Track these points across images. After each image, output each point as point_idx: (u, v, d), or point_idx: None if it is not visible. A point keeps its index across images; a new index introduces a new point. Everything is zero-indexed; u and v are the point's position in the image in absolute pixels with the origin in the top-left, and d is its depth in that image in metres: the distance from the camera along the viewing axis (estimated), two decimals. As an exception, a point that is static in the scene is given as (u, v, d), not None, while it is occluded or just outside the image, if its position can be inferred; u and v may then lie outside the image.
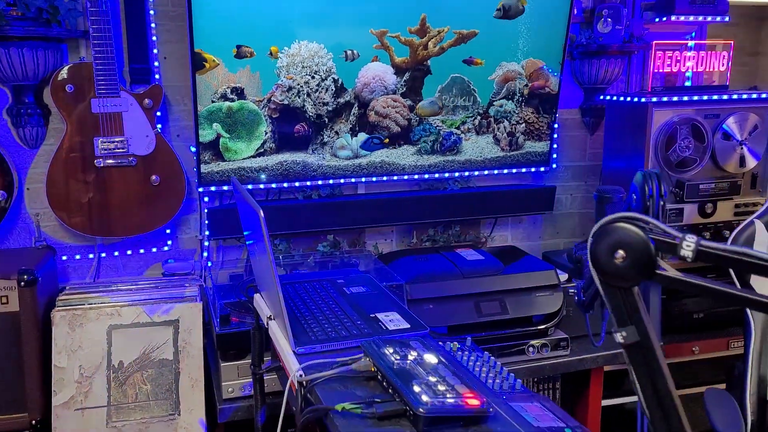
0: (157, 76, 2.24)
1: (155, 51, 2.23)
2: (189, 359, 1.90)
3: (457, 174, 2.53)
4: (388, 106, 2.32)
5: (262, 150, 2.24)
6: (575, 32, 2.64)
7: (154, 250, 2.35)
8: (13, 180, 2.10)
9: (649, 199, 1.01)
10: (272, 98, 2.19)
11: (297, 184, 2.34)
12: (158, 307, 1.90)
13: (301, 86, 2.20)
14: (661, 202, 0.99)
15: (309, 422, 1.09)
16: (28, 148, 2.17)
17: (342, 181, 2.39)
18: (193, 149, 2.23)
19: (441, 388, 1.07)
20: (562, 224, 2.86)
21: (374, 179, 2.43)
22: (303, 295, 1.58)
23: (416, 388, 1.06)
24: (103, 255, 2.31)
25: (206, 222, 2.31)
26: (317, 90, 2.22)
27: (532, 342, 2.14)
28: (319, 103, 2.24)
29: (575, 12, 2.63)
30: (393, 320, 1.42)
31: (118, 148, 2.12)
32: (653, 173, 1.00)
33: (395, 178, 2.44)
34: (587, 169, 2.83)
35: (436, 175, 2.51)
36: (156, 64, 2.24)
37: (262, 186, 2.30)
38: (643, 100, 2.33)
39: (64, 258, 2.27)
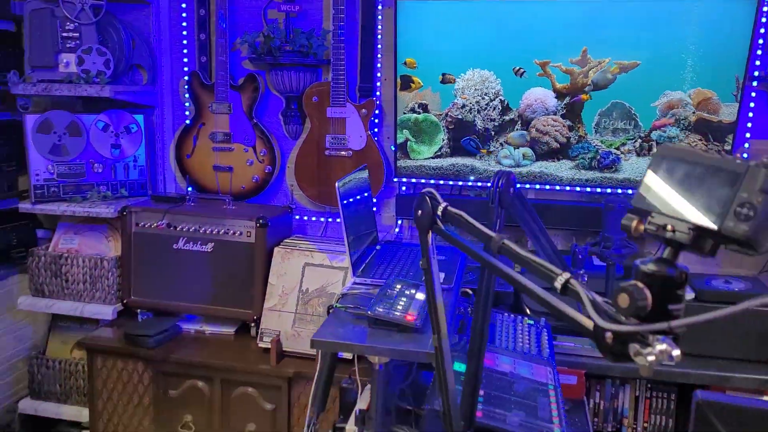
0: (378, 93, 3.02)
1: (378, 75, 3.01)
2: (351, 297, 2.63)
3: (620, 190, 2.77)
4: (548, 125, 2.71)
5: (440, 153, 2.85)
6: (772, 63, 2.62)
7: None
8: (277, 160, 3.10)
9: (492, 188, 1.35)
10: (449, 113, 2.79)
11: (470, 183, 2.89)
12: (337, 257, 2.68)
13: (473, 105, 2.75)
14: (498, 190, 1.33)
15: (328, 312, 1.72)
16: (290, 139, 3.16)
17: (509, 185, 2.85)
18: (393, 148, 2.95)
19: (399, 308, 1.60)
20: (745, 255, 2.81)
21: (537, 186, 2.83)
22: (400, 255, 2.18)
23: (382, 303, 1.60)
24: (330, 220, 3.19)
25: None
26: (486, 108, 2.74)
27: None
28: (487, 119, 2.76)
29: (777, 42, 2.63)
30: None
31: (341, 143, 2.96)
32: (504, 173, 1.34)
33: (557, 187, 2.81)
34: (780, 202, 2.74)
35: (598, 190, 2.79)
36: (378, 84, 3.02)
37: (441, 182, 2.91)
38: (802, 133, 2.28)
39: (305, 218, 3.21)
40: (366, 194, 2.30)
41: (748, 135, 2.73)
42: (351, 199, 2.07)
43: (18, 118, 3.08)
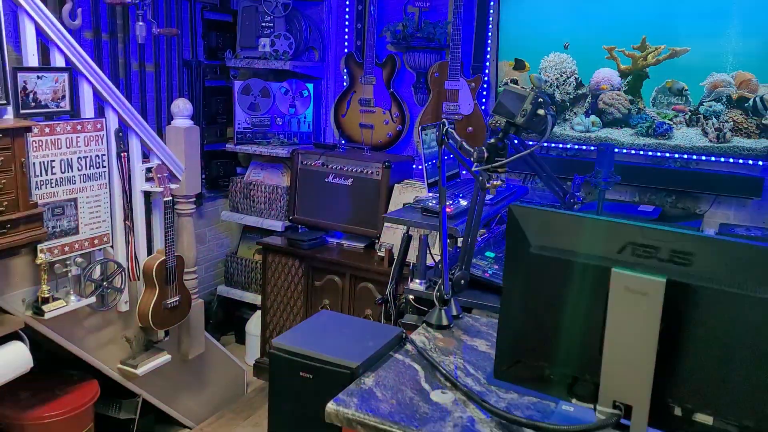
0: (487, 71, 3.85)
1: (488, 56, 3.84)
2: (446, 222, 3.52)
3: (677, 155, 3.36)
4: (613, 99, 3.38)
5: (526, 119, 3.62)
6: (817, 50, 3.06)
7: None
8: (406, 121, 4.05)
9: (489, 124, 2.13)
10: (534, 87, 3.55)
11: (552, 144, 3.63)
12: (439, 192, 3.58)
13: (552, 81, 3.49)
14: (507, 126, 2.12)
15: (403, 206, 2.64)
16: (418, 105, 4.09)
17: (577, 147, 3.56)
18: (491, 115, 3.77)
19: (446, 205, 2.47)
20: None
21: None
22: (471, 186, 3.03)
23: (435, 202, 2.49)
24: (444, 170, 4.09)
25: (495, 160, 3.85)
26: (563, 84, 3.47)
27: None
28: (564, 92, 3.48)
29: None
30: (485, 196, 2.77)
31: (453, 109, 3.84)
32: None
33: (617, 150, 3.46)
34: (821, 172, 3.17)
35: (658, 154, 3.40)
36: (487, 63, 3.85)
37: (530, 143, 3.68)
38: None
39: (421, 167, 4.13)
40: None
41: (796, 113, 3.18)
42: (433, 143, 2.97)
43: (229, 84, 4.34)
